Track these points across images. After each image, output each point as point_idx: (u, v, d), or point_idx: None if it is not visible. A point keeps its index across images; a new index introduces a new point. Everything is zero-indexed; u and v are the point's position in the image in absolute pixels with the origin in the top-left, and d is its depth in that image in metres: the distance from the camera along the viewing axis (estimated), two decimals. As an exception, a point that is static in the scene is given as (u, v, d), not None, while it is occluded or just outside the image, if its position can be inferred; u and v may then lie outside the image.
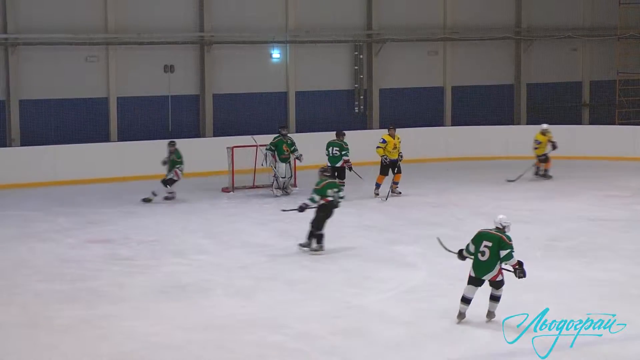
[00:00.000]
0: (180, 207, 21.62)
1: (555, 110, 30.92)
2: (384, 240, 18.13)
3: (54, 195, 22.00)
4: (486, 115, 29.80)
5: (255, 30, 27.54)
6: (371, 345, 11.91)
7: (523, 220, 19.56)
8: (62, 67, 25.46)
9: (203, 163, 24.94)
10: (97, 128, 25.56)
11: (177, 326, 12.78)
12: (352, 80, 29.14)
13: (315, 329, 12.58)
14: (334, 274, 15.58)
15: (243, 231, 18.97)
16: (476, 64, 30.61)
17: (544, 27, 31.15)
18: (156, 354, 11.65)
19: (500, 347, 11.86)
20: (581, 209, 21.05)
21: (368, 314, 13.33)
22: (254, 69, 27.78)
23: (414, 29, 29.43)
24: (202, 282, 15.18)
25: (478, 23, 30.32)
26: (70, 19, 25.28)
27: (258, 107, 27.55)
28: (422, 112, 29.44)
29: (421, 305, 13.77)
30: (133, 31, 26.08)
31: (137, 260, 16.76)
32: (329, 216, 17.18)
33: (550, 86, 31.62)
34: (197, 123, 27.18)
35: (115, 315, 13.33)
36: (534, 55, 31.34)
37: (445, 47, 30.14)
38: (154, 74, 26.60)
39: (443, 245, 13.88)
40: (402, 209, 21.21)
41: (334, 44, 28.78)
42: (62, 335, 12.52)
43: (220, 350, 11.77)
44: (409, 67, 29.77)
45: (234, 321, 12.95)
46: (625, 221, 19.78)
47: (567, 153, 27.61)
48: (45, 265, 16.35)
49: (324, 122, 26.99)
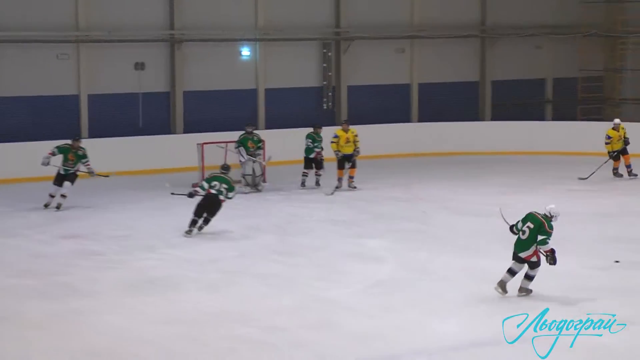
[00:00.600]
0: (150, 202, 21.57)
1: (519, 106, 31.16)
2: (352, 234, 18.18)
3: (24, 192, 21.89)
4: (452, 111, 29.92)
5: (225, 28, 27.56)
6: (339, 337, 11.96)
7: (488, 214, 19.70)
8: (32, 64, 25.27)
9: (173, 159, 25.04)
10: (68, 125, 25.41)
11: (148, 320, 12.79)
12: (320, 77, 29.24)
13: (284, 322, 12.62)
14: (302, 268, 15.65)
15: (213, 226, 18.80)
16: (442, 61, 30.78)
17: (508, 25, 31.37)
18: (128, 348, 11.62)
19: (467, 337, 12.04)
20: (545, 203, 21.12)
21: (336, 306, 13.35)
22: (224, 66, 27.79)
23: (382, 27, 29.59)
24: (173, 276, 15.16)
25: (444, 21, 30.49)
26: (41, 17, 25.12)
27: (228, 104, 27.57)
28: (389, 108, 29.57)
29: (388, 297, 13.86)
30: (104, 29, 25.97)
31: (108, 255, 16.69)
32: (207, 206, 18.03)
33: (514, 83, 31.85)
34: (167, 120, 27.17)
35: (86, 310, 13.30)
36: (498, 52, 31.55)
37: (412, 44, 30.29)
38: (125, 71, 26.53)
39: (503, 217, 14.48)
40: (369, 203, 21.28)
41: (303, 42, 28.90)
42: (34, 330, 12.46)
43: (190, 343, 11.78)
44: (377, 64, 29.86)
45: (205, 315, 12.98)
46: (587, 214, 19.90)
47: (530, 148, 27.92)
48: (16, 261, 16.23)
49: (293, 119, 27.08)
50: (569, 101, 32.47)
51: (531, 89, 32.22)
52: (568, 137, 28.80)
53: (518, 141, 28.48)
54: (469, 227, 18.77)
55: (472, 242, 17.48)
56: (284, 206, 20.92)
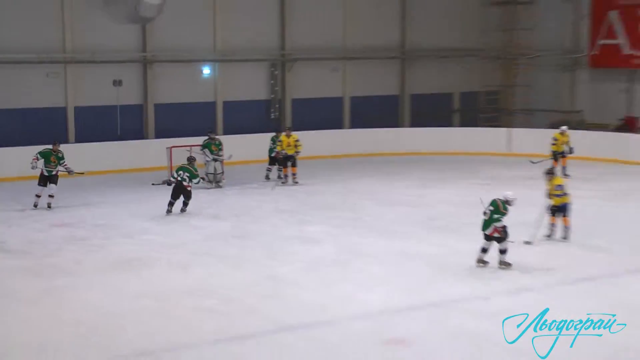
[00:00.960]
0: (128, 196, 21.48)
1: (432, 115, 31.09)
2: (295, 221, 18.28)
3: (22, 188, 21.70)
4: (377, 119, 29.92)
5: (188, 51, 27.49)
6: (285, 306, 12.21)
7: (408, 203, 20.04)
8: (27, 81, 25.02)
9: (146, 161, 24.91)
10: (58, 132, 25.14)
11: (126, 296, 12.85)
12: (268, 91, 29.19)
13: (240, 294, 12.81)
14: (255, 250, 15.69)
15: (181, 215, 18.96)
16: (369, 78, 30.77)
17: (424, 48, 31.46)
18: (109, 318, 11.73)
19: (390, 304, 12.29)
20: (452, 194, 21.42)
21: (283, 281, 13.55)
22: (188, 82, 27.68)
23: (319, 50, 29.59)
24: (147, 258, 15.20)
25: (371, 45, 30.50)
26: (34, 42, 24.83)
27: (192, 114, 27.38)
28: (326, 117, 29.48)
29: (326, 273, 14.07)
30: (87, 51, 25.74)
31: (92, 240, 16.62)
32: (176, 190, 18.92)
33: (428, 96, 31.86)
34: (141, 127, 26.96)
35: (73, 287, 13.36)
36: (415, 71, 31.65)
37: (345, 64, 30.31)
38: (105, 87, 26.26)
39: (482, 203, 14.36)
40: (309, 195, 21.36)
41: (254, 62, 28.90)
42: (28, 305, 12.50)
43: (162, 315, 11.90)
44: (315, 81, 29.86)
45: (174, 290, 13.07)
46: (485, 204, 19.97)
47: (442, 150, 28.16)
48: (13, 246, 16.13)
49: (246, 126, 27.01)
50: (472, 111, 32.70)
51: (442, 101, 32.26)
52: (472, 140, 28.96)
53: (432, 144, 28.50)
54: (393, 214, 18.87)
55: (396, 227, 17.57)
56: (239, 199, 20.91)
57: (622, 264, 14.64)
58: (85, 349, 10.63)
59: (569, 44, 31.56)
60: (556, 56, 31.66)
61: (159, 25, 26.14)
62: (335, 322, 11.49)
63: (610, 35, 30.03)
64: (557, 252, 15.00)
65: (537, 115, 31.24)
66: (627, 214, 18.92)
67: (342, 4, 30.00)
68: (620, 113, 29.74)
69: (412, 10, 31.30)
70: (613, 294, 12.73)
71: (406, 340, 10.73)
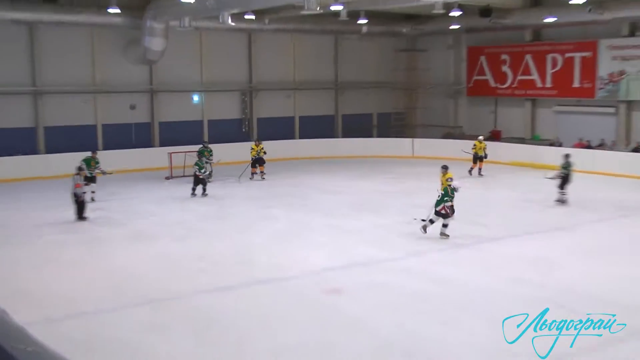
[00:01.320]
0: (141, 188, 21.40)
1: (358, 129, 31.29)
2: (261, 205, 18.34)
3: (48, 185, 21.51)
4: (319, 132, 30.04)
5: (182, 84, 27.37)
6: (255, 267, 12.41)
7: (341, 192, 20.20)
8: (68, 106, 24.87)
9: (153, 162, 24.77)
10: (90, 143, 24.88)
11: (141, 259, 13.03)
12: (241, 112, 29.13)
13: (222, 258, 13.01)
14: (232, 226, 15.83)
15: (178, 202, 18.98)
16: (312, 103, 30.76)
17: (351, 81, 31.56)
18: (130, 276, 11.90)
19: (330, 263, 12.46)
20: (373, 185, 21.66)
21: (252, 249, 13.70)
22: (183, 106, 27.53)
23: (276, 84, 29.62)
24: (156, 232, 15.31)
25: (313, 79, 30.56)
26: (73, 77, 24.82)
27: (185, 129, 27.25)
28: (282, 131, 29.49)
29: (284, 242, 14.25)
30: (110, 84, 25.62)
31: (115, 220, 16.67)
32: (193, 179, 19.40)
33: (354, 115, 31.88)
34: (149, 139, 26.83)
35: (103, 254, 13.46)
36: (345, 97, 31.70)
37: (295, 93, 30.27)
38: (123, 110, 26.08)
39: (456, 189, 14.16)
40: (272, 187, 21.39)
41: (230, 92, 28.78)
42: (72, 266, 12.64)
43: (168, 272, 12.06)
44: (274, 105, 29.77)
45: (176, 255, 13.22)
46: (396, 192, 20.30)
47: (364, 154, 28.41)
48: (63, 225, 16.11)
49: (225, 138, 26.87)
50: (386, 126, 32.85)
51: (364, 119, 32.30)
52: (386, 147, 29.06)
53: (358, 150, 28.58)
54: (331, 200, 19.05)
55: (333, 209, 17.76)
56: (221, 189, 20.91)
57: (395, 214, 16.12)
58: (114, 296, 10.83)
59: (453, 79, 31.87)
60: (444, 87, 31.94)
61: (162, 65, 26.08)
62: (292, 277, 11.68)
63: (481, 73, 30.52)
64: (451, 227, 14.78)
65: (432, 129, 31.47)
66: (497, 200, 19.30)
67: (292, 51, 29.98)
68: (489, 128, 30.17)
69: (343, 54, 31.42)
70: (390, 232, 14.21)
71: (340, 289, 10.94)
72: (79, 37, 24.81)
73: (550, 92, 27.97)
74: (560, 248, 13.52)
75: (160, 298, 10.66)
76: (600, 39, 25.83)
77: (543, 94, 28.27)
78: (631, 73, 25.02)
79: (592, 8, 22.64)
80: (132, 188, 21.38)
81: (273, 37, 28.73)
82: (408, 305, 10.13)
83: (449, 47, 31.78)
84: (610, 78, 25.74)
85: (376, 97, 32.45)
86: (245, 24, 25.35)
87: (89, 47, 25.17)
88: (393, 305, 10.19)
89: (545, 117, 28.67)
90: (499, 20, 25.90)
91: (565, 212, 17.19)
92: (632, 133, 25.43)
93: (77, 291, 11.02)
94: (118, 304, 10.41)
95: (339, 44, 31.18)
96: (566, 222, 15.94)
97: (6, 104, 23.70)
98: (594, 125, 26.26)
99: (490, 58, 30.02)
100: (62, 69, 24.65)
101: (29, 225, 16.03)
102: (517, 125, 29.37)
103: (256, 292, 10.89)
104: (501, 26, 26.62)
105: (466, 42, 30.97)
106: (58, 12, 22.88)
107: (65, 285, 11.36)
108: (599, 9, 22.80)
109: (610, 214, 16.90)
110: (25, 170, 22.88)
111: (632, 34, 25.09)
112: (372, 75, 32.05)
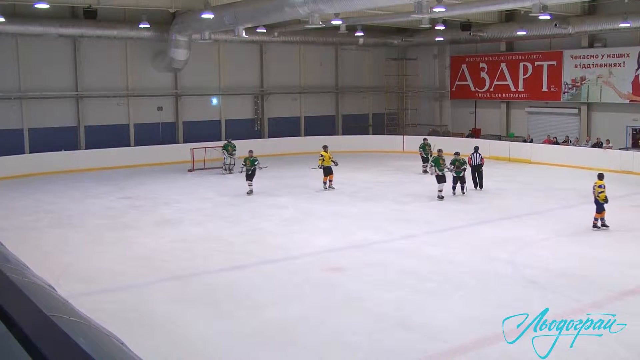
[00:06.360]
0: (166, 179, 21.29)
1: (356, 128, 31.21)
2: (271, 195, 18.21)
3: (100, 177, 21.48)
4: (321, 130, 29.73)
5: (203, 88, 27.24)
6: (266, 248, 12.36)
7: (342, 182, 19.92)
8: (105, 108, 24.82)
9: (178, 156, 24.60)
10: (122, 140, 25.01)
11: (166, 241, 12.99)
12: (253, 113, 28.99)
13: (235, 240, 12.95)
14: (245, 212, 15.77)
15: (199, 191, 18.92)
16: (316, 104, 30.54)
17: (350, 86, 31.41)
18: (156, 256, 11.88)
19: (331, 245, 12.33)
20: (368, 176, 21.58)
21: (263, 232, 13.67)
22: (203, 108, 27.40)
23: (285, 87, 29.44)
24: (178, 217, 15.28)
25: (317, 84, 30.35)
26: (109, 83, 24.83)
27: (206, 127, 27.19)
28: (289, 129, 29.24)
29: (290, 226, 14.20)
30: (141, 89, 25.55)
31: (145, 207, 16.66)
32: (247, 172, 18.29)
33: (353, 115, 31.58)
34: (175, 136, 26.74)
35: (135, 236, 13.50)
36: (345, 100, 31.52)
37: (301, 96, 30.09)
38: (152, 111, 26.05)
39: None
40: (281, 179, 21.04)
41: (244, 95, 28.65)
42: (108, 246, 12.68)
43: (188, 253, 12.03)
44: (282, 107, 29.57)
45: (196, 237, 13.22)
46: (390, 182, 20.18)
47: (363, 149, 28.28)
48: (97, 211, 16.14)
49: (239, 135, 26.63)
50: (381, 125, 32.67)
51: (361, 119, 32.03)
52: (380, 143, 28.92)
53: (356, 146, 28.02)
54: (333, 190, 18.78)
55: (334, 197, 17.68)
56: (237, 181, 20.80)
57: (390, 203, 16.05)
58: (142, 273, 10.85)
59: (438, 84, 31.70)
60: (430, 91, 31.80)
61: (185, 73, 26.02)
62: (297, 257, 11.65)
63: (462, 79, 30.42)
64: (439, 212, 14.94)
65: (420, 127, 31.34)
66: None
67: (298, 60, 29.77)
68: (470, 127, 30.16)
69: (343, 63, 31.24)
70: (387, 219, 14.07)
71: (339, 268, 10.86)
72: (115, 49, 24.78)
73: (522, 96, 28.10)
74: (533, 230, 13.53)
75: (183, 274, 10.67)
76: (564, 50, 26.14)
77: (516, 97, 28.38)
78: (591, 79, 25.31)
79: (558, 23, 23.43)
80: (157, 179, 21.33)
81: (282, 48, 28.64)
82: (402, 282, 10.05)
83: (434, 57, 31.65)
84: (573, 83, 25.99)
85: (372, 100, 32.30)
86: (257, 36, 25.48)
87: (123, 57, 25.16)
88: (389, 281, 10.11)
89: (518, 117, 28.73)
90: (478, 34, 26.47)
91: (536, 199, 17.13)
92: (592, 131, 25.67)
93: (112, 269, 11.05)
94: (148, 279, 10.45)
95: (339, 53, 31.00)
96: (538, 208, 15.91)
97: (53, 106, 23.84)
98: (560, 124, 26.61)
99: (471, 66, 29.95)
100: (100, 76, 24.70)
101: (79, 210, 16.14)
102: (494, 124, 29.40)
103: (266, 270, 10.82)
104: (480, 38, 27.08)
105: (450, 52, 30.90)
106: (97, 27, 22.86)
107: (104, 263, 11.40)
108: (564, 24, 23.60)
109: (574, 202, 16.84)
110: (69, 164, 22.86)
111: (591, 45, 25.46)
112: (368, 80, 31.97)
